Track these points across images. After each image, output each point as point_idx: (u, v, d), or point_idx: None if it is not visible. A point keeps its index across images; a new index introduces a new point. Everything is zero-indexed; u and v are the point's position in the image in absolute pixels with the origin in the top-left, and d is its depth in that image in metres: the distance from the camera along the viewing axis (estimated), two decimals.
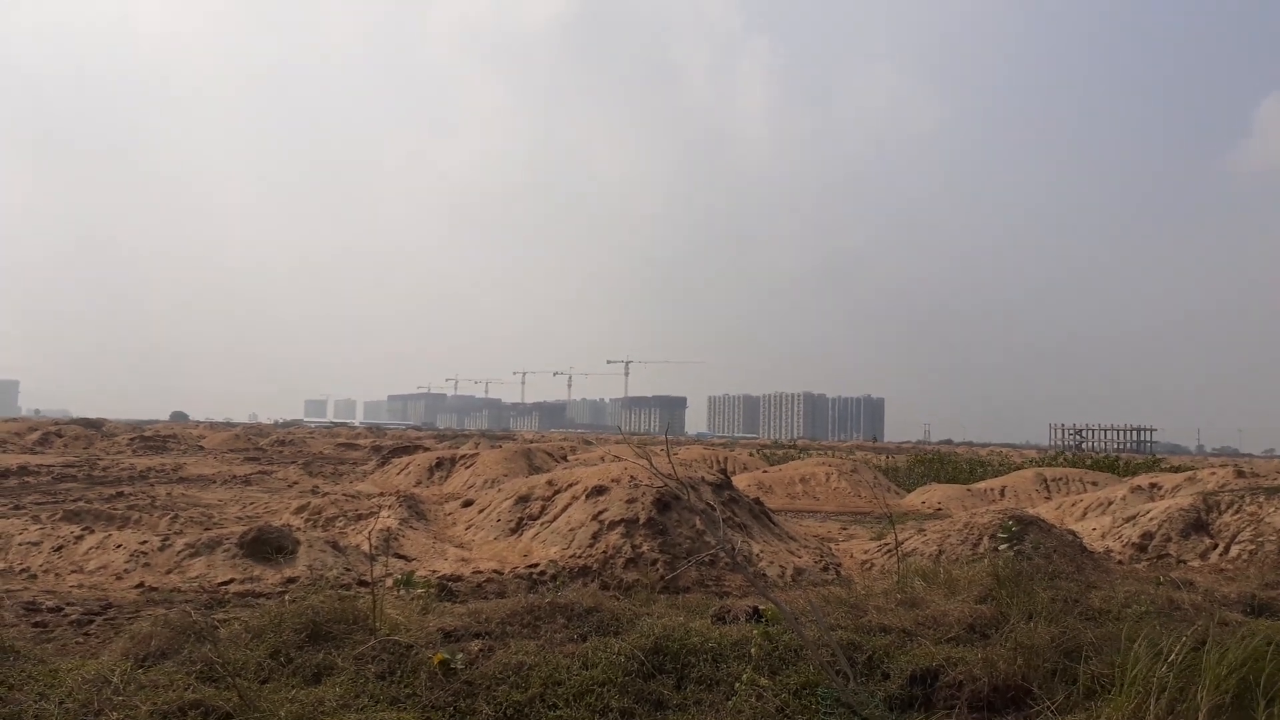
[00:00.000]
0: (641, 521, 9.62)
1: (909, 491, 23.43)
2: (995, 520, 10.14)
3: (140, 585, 7.76)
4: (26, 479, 18.10)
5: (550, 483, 11.78)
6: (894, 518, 11.54)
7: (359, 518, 11.73)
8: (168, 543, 8.80)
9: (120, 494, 15.33)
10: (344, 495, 14.17)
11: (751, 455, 36.31)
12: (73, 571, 8.26)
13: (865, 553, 11.32)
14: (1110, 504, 15.21)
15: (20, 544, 8.91)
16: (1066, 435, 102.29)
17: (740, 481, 21.21)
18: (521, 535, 10.55)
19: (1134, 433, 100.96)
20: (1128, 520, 12.23)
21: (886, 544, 11.09)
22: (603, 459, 28.26)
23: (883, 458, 39.60)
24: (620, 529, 9.55)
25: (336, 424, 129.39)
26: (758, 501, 11.98)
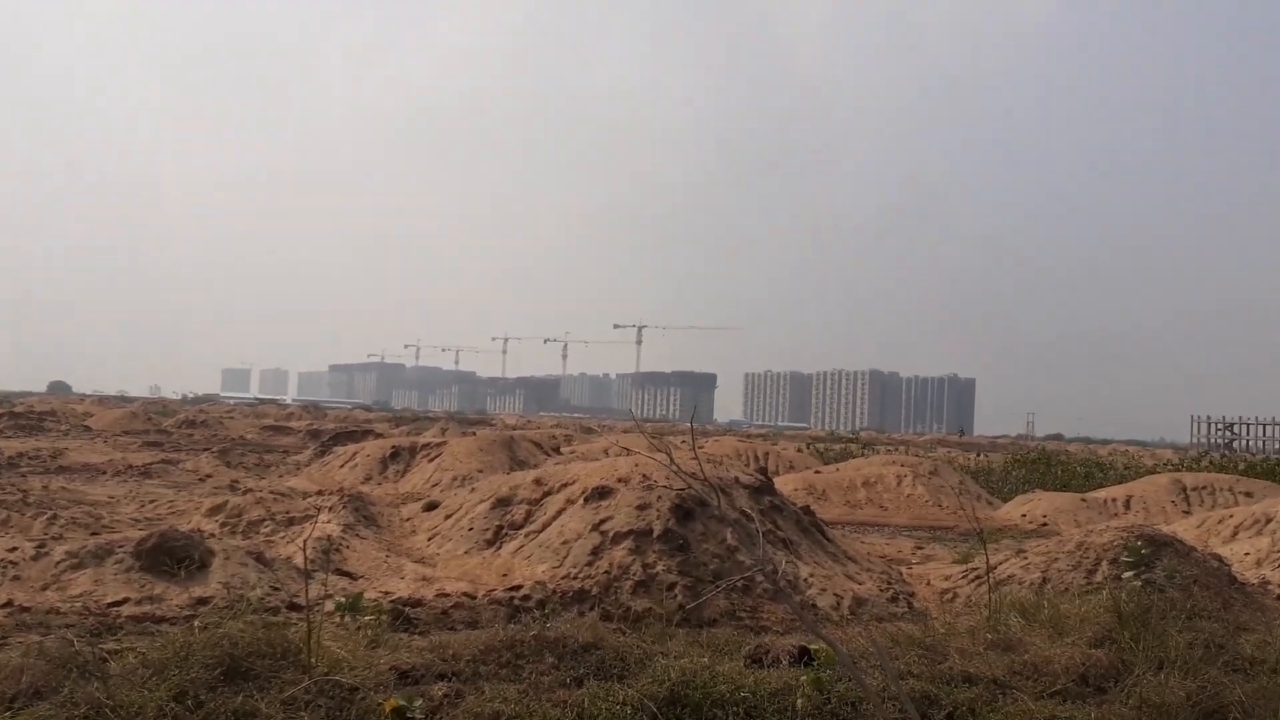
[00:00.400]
0: (656, 533, 9.65)
1: (1005, 501, 23.40)
2: (1117, 540, 10.11)
3: (8, 604, 7.85)
4: None
5: (538, 481, 11.82)
6: (985, 534, 11.55)
7: (290, 522, 11.81)
8: (44, 550, 8.89)
9: None
10: (271, 493, 14.27)
11: (800, 451, 36.38)
12: None
13: (946, 579, 11.31)
14: (1270, 522, 15.15)
15: None
16: (1214, 431, 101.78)
17: (785, 484, 21.23)
18: (500, 548, 10.61)
19: None
20: None
21: (974, 568, 11.08)
22: (607, 452, 28.33)
23: (971, 456, 39.61)
24: (628, 542, 9.59)
25: (262, 400, 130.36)
26: (807, 510, 11.98)
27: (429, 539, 11.54)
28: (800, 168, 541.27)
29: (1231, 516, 16.29)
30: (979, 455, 36.74)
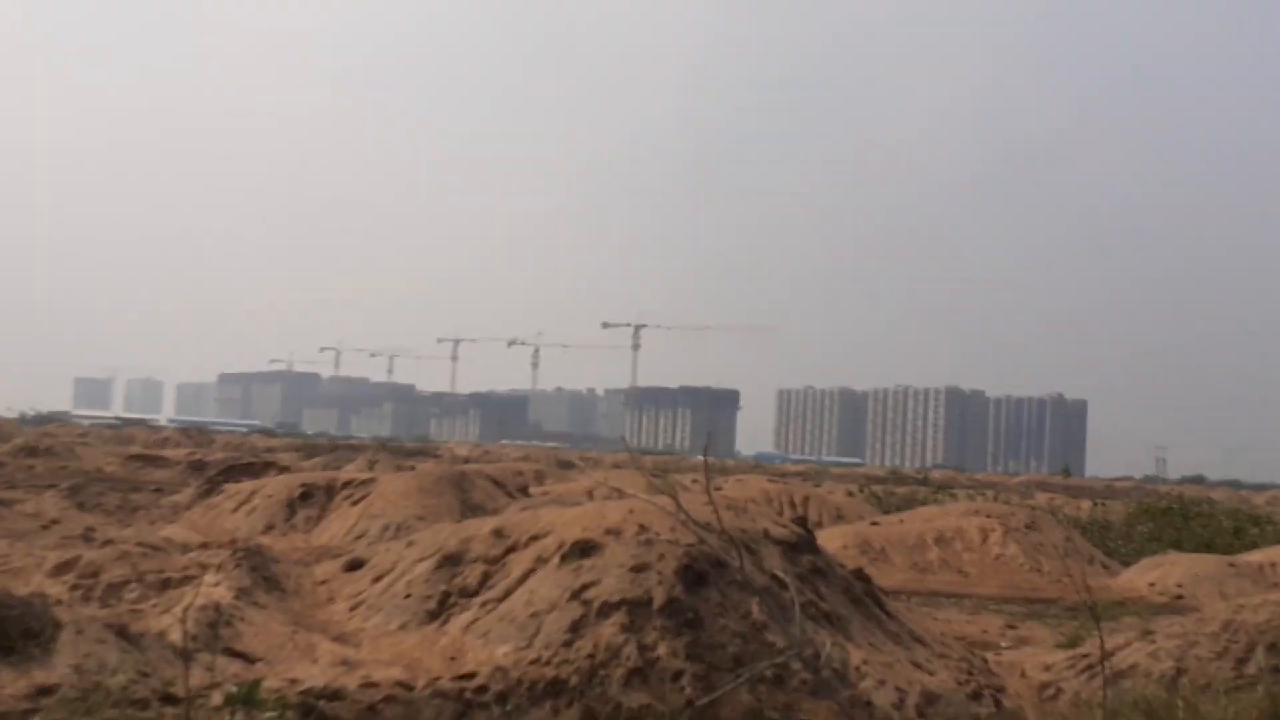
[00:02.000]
0: (657, 604, 9.64)
1: (1127, 565, 23.41)
2: (1277, 618, 10.11)
3: None
4: None
5: (499, 533, 11.80)
6: (1099, 610, 11.51)
7: (165, 585, 11.78)
8: None
9: None
10: (139, 545, 14.23)
11: (851, 495, 36.40)
12: None
13: (1047, 669, 11.30)
14: None
15: None
16: None
17: (831, 539, 21.24)
18: (448, 622, 10.59)
19: None
20: None
21: (1085, 655, 11.07)
22: (591, 494, 28.22)
23: (1083, 505, 39.63)
24: (620, 616, 9.58)
25: (128, 421, 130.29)
26: (861, 575, 11.97)
27: (351, 609, 11.51)
28: (851, 117, 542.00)
29: None
30: (1093, 503, 36.78)
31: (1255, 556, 22.70)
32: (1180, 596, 19.52)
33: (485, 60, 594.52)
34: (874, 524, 25.11)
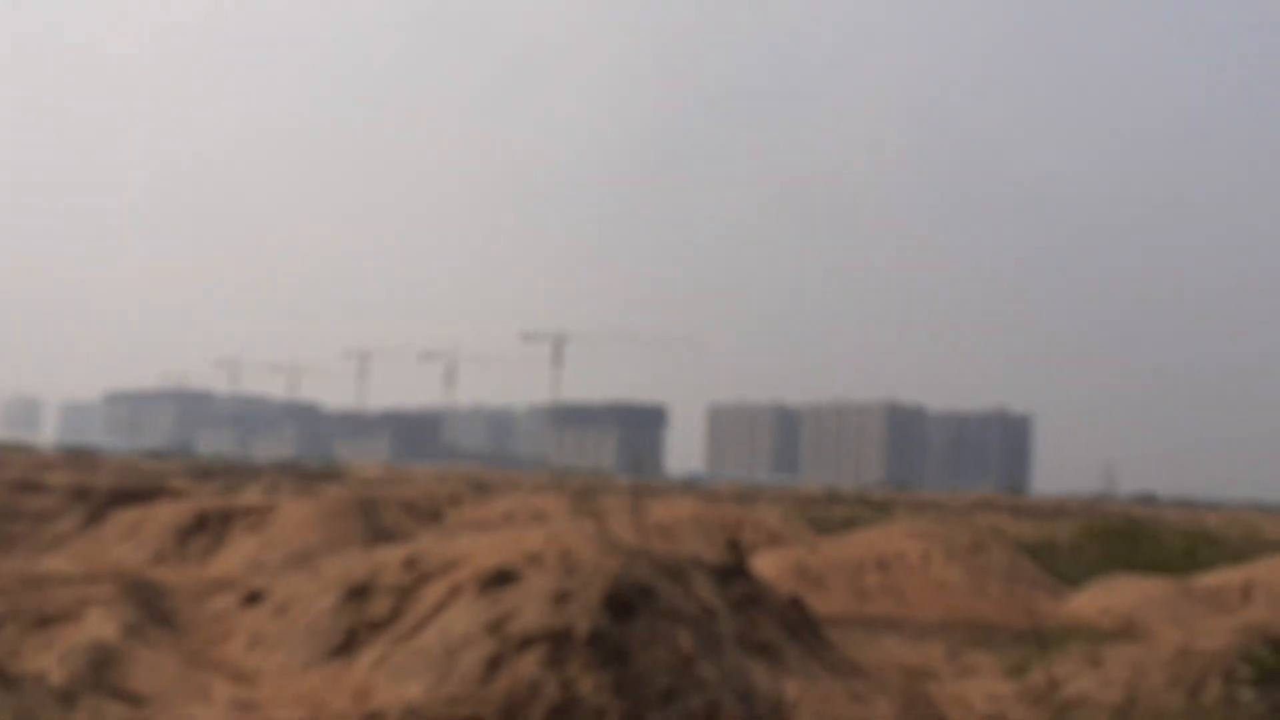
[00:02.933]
0: (581, 637, 9.63)
1: (1076, 588, 23.66)
2: (1233, 645, 10.28)
3: None
4: None
5: (411, 562, 11.74)
6: (1047, 636, 11.53)
7: (44, 622, 11.60)
8: None
9: None
10: (18, 578, 14.01)
11: (787, 517, 36.53)
12: None
13: (992, 700, 11.41)
14: None
15: None
16: None
17: (766, 565, 21.31)
18: (355, 658, 10.52)
19: None
20: None
21: (1032, 685, 11.18)
22: (510, 518, 28.14)
23: (1028, 524, 40.11)
24: (540, 650, 9.56)
25: (3, 443, 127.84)
26: (796, 603, 12.04)
27: (250, 646, 11.40)
28: (792, 119, 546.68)
29: None
30: (1039, 522, 37.22)
31: (1209, 579, 23.06)
32: (1131, 622, 19.77)
33: (402, 54, 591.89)
34: (811, 550, 25.22)
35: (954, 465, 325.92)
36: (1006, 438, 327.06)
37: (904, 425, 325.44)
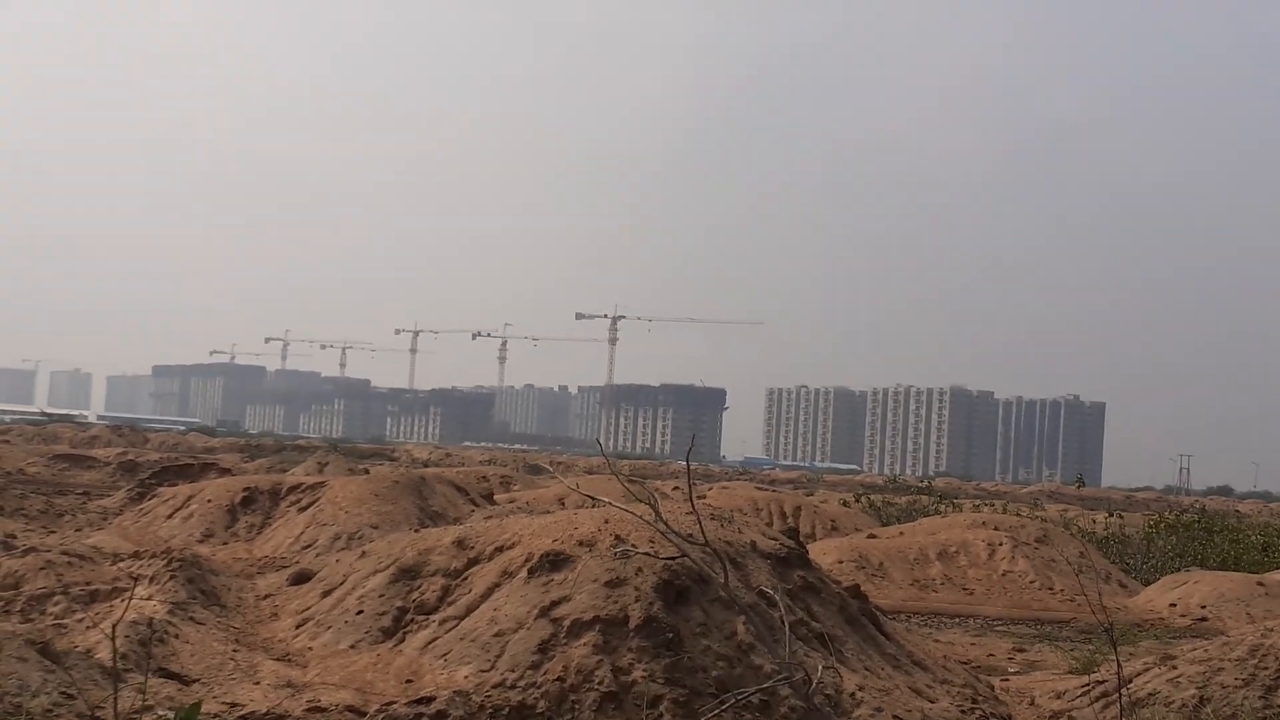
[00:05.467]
0: (634, 623, 9.64)
1: (1147, 583, 23.50)
2: None
3: None
4: None
5: (461, 544, 11.78)
6: (1117, 632, 11.50)
7: (92, 598, 11.74)
8: None
9: None
10: (65, 554, 14.19)
11: (847, 504, 36.45)
12: None
13: (1059, 697, 11.34)
14: None
15: None
16: None
17: (825, 553, 21.28)
18: (404, 641, 10.57)
19: None
20: None
21: (1101, 682, 11.11)
22: (563, 501, 28.20)
23: (1098, 517, 39.77)
24: (592, 636, 9.57)
25: (52, 417, 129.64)
26: (856, 593, 11.99)
27: (298, 626, 11.49)
28: (852, 102, 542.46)
29: None
30: (1109, 515, 36.88)
31: None
32: (1204, 618, 19.60)
33: (451, 43, 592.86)
34: (871, 536, 25.13)
35: (1021, 455, 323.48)
36: (1077, 427, 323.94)
37: (970, 412, 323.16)
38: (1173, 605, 20.50)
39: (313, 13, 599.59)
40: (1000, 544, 23.04)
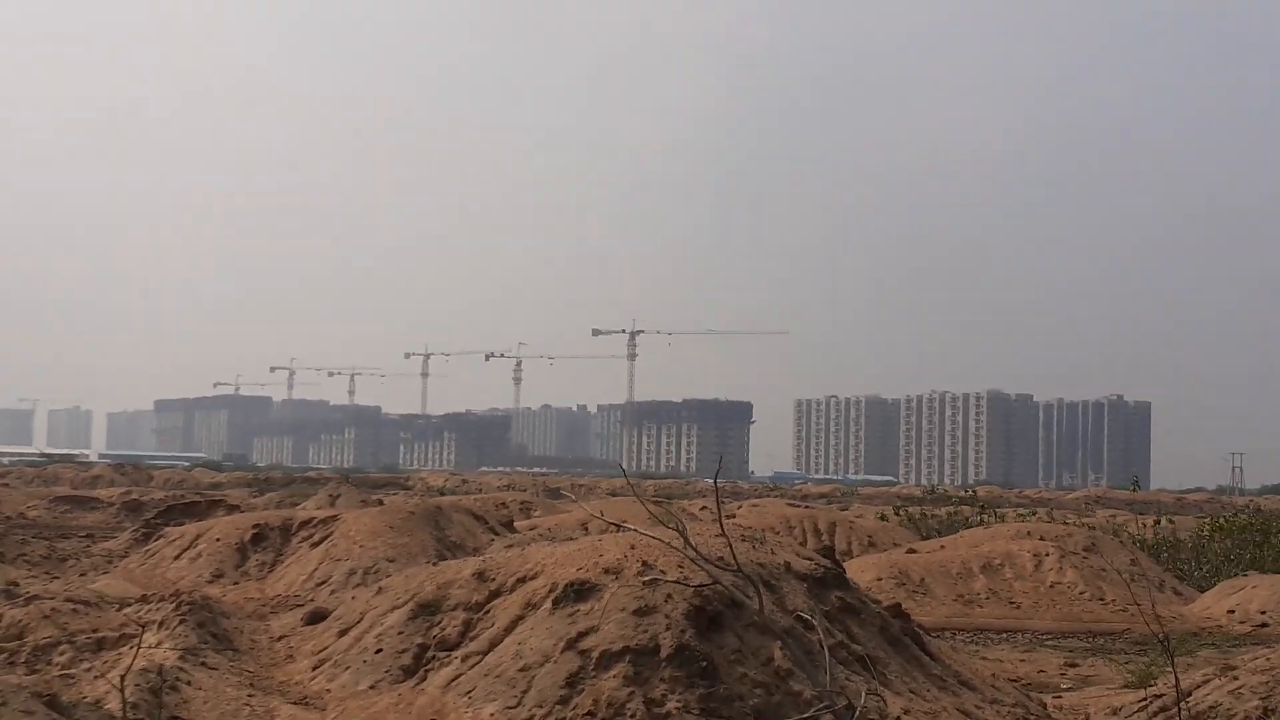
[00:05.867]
0: (665, 652, 9.62)
1: (1202, 589, 23.38)
2: None
3: None
4: None
5: (482, 575, 11.78)
6: (1173, 642, 11.42)
7: (99, 646, 11.77)
8: None
9: None
10: (69, 601, 14.22)
11: (884, 518, 36.35)
12: None
13: (1116, 712, 11.28)
14: None
15: None
16: None
17: (863, 571, 21.21)
18: (425, 679, 10.57)
19: None
20: None
21: (1158, 695, 11.05)
22: (585, 527, 28.09)
23: (1148, 522, 39.62)
24: (622, 667, 9.55)
25: (52, 457, 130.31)
26: (898, 611, 11.95)
27: (315, 667, 11.50)
28: (874, 97, 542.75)
29: None
30: (1159, 520, 36.73)
31: None
32: (1264, 624, 19.51)
33: (461, 46, 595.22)
34: (911, 551, 25.08)
35: (1065, 459, 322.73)
36: (1122, 428, 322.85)
37: (1010, 417, 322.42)
38: (1231, 612, 20.41)
39: (326, 29, 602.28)
40: (1047, 554, 22.95)
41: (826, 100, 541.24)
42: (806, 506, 38.39)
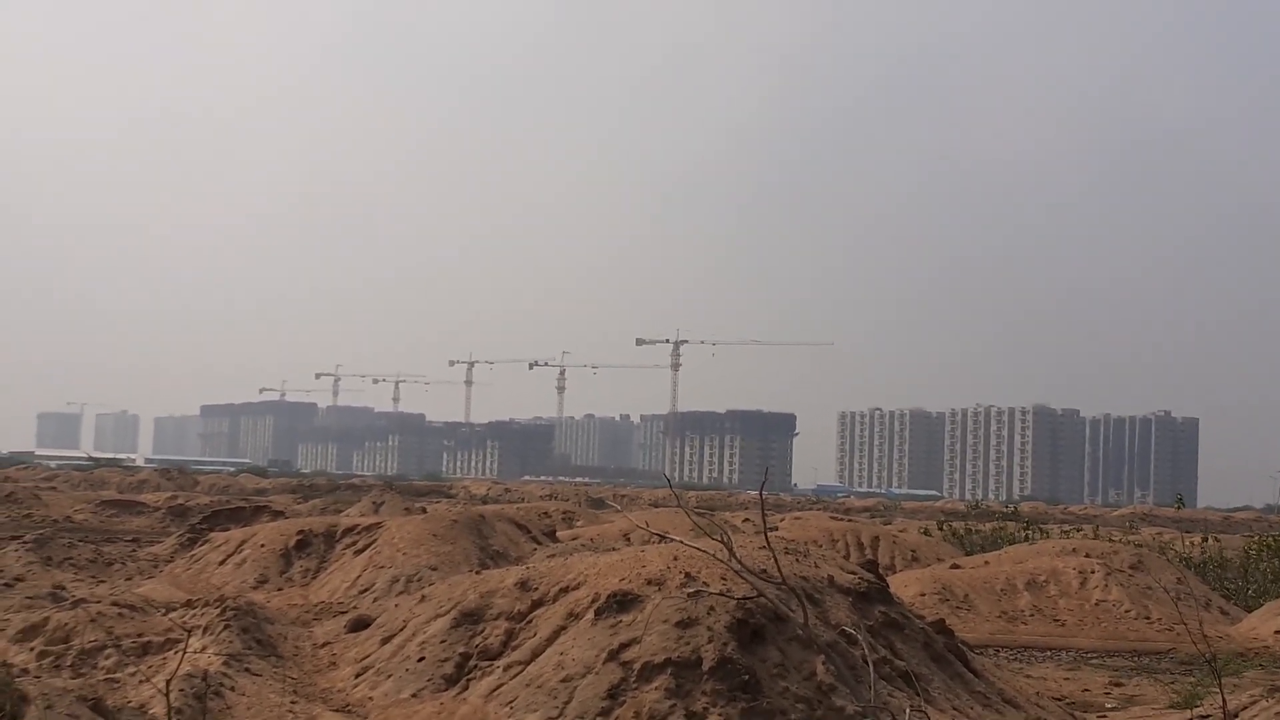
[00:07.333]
0: (707, 665, 9.60)
1: (1249, 609, 23.16)
2: None
3: None
4: None
5: (524, 585, 11.80)
6: (1220, 663, 11.33)
7: (144, 651, 11.83)
8: None
9: None
10: (115, 605, 14.31)
11: (927, 533, 36.16)
12: None
13: None
14: None
15: None
16: None
17: (906, 585, 21.12)
18: (467, 688, 10.59)
19: None
20: None
21: (1205, 716, 10.96)
22: (628, 538, 28.10)
23: (1195, 539, 39.27)
24: (664, 679, 9.54)
25: (99, 461, 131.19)
26: (941, 628, 11.90)
27: (358, 675, 11.53)
28: (914, 104, 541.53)
29: None
30: (1206, 538, 36.41)
31: None
32: None
33: (506, 55, 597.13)
34: (955, 567, 24.94)
35: (1111, 476, 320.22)
36: (1169, 445, 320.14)
37: (1055, 432, 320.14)
38: (1278, 632, 20.21)
39: (372, 38, 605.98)
40: (1092, 572, 22.79)
41: (872, 108, 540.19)
42: (849, 520, 38.21)
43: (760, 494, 7.99)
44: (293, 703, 10.39)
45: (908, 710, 9.62)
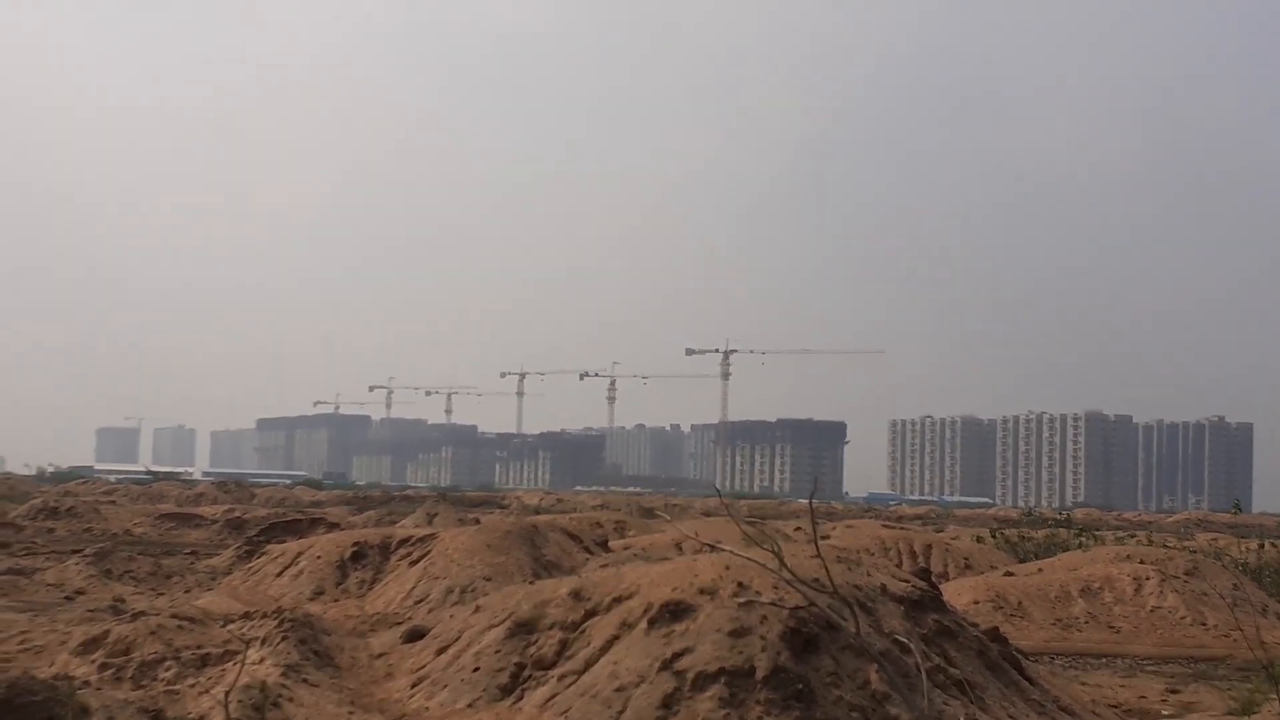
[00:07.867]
0: (761, 674, 9.58)
1: None
2: None
3: None
4: None
5: (577, 595, 11.80)
6: (1276, 668, 11.21)
7: (204, 662, 11.91)
8: None
9: None
10: (174, 618, 14.42)
11: (980, 541, 35.95)
12: None
13: None
14: None
15: None
16: None
17: (959, 593, 21.01)
18: (522, 698, 10.60)
19: None
20: None
21: None
22: (680, 547, 28.10)
23: (1251, 545, 38.87)
24: (718, 688, 9.53)
25: (157, 475, 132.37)
26: (995, 635, 11.83)
27: (413, 685, 11.57)
28: (969, 111, 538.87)
29: None
30: (1263, 544, 36.01)
31: None
32: None
33: (560, 70, 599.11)
34: (1008, 574, 24.79)
35: (1165, 481, 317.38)
36: (1224, 450, 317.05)
37: (1108, 438, 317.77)
38: None
39: (419, 47, 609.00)
40: (1147, 578, 22.62)
41: (923, 118, 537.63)
42: (902, 528, 38.08)
43: (810, 502, 8.03)
44: (350, 713, 10.43)
45: (962, 718, 9.59)
